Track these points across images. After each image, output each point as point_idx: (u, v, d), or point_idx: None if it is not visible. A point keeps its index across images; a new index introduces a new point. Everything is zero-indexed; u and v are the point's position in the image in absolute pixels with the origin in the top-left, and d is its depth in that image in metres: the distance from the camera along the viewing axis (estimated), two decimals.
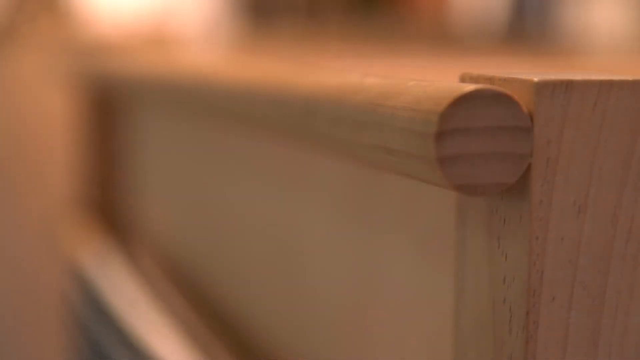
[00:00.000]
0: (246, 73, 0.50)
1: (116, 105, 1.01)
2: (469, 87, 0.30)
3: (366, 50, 0.93)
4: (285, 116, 0.43)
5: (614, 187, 0.31)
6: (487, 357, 0.33)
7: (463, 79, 0.34)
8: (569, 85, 0.31)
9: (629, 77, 0.31)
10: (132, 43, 1.03)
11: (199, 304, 0.74)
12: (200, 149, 0.74)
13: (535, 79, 0.30)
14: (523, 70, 0.34)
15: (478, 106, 0.30)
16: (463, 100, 0.30)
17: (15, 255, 1.56)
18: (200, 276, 0.74)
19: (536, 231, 0.31)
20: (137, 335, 0.71)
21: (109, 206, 1.03)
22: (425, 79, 0.33)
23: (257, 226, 0.61)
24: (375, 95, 0.34)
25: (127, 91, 0.85)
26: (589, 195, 0.31)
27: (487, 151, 0.30)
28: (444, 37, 1.45)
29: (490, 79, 0.32)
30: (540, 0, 1.46)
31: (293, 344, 0.56)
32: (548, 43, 1.28)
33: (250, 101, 0.48)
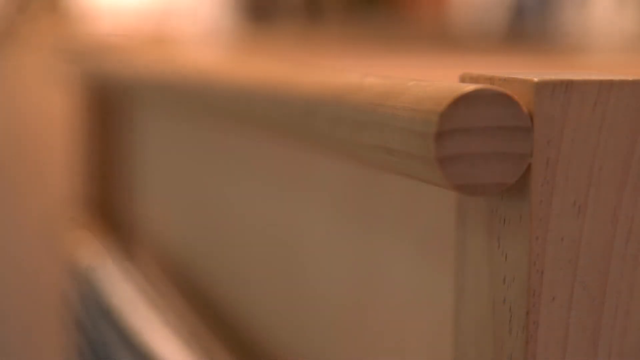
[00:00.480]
0: (246, 73, 0.50)
1: (116, 105, 1.01)
2: (469, 87, 0.30)
3: (366, 50, 0.93)
4: (285, 116, 0.43)
5: (614, 187, 0.31)
6: (487, 357, 0.33)
7: (463, 79, 0.34)
8: (569, 85, 0.31)
9: (629, 77, 0.31)
10: (132, 43, 1.03)
11: (199, 304, 0.74)
12: (200, 149, 0.74)
13: (535, 79, 0.30)
14: (523, 70, 0.34)
15: (478, 106, 0.30)
16: (463, 100, 0.30)
17: (15, 255, 1.56)
18: (200, 276, 0.74)
19: (536, 231, 0.31)
20: (137, 335, 0.70)
21: (109, 206, 1.03)
22: (425, 79, 0.33)
23: (257, 226, 0.61)
24: (375, 95, 0.34)
25: (127, 91, 0.85)
26: (589, 195, 0.31)
27: (487, 151, 0.30)
28: (444, 37, 1.45)
29: (490, 79, 0.32)
30: (540, 0, 1.46)
31: (293, 344, 0.56)
32: (548, 43, 1.28)
33: (250, 101, 0.48)
